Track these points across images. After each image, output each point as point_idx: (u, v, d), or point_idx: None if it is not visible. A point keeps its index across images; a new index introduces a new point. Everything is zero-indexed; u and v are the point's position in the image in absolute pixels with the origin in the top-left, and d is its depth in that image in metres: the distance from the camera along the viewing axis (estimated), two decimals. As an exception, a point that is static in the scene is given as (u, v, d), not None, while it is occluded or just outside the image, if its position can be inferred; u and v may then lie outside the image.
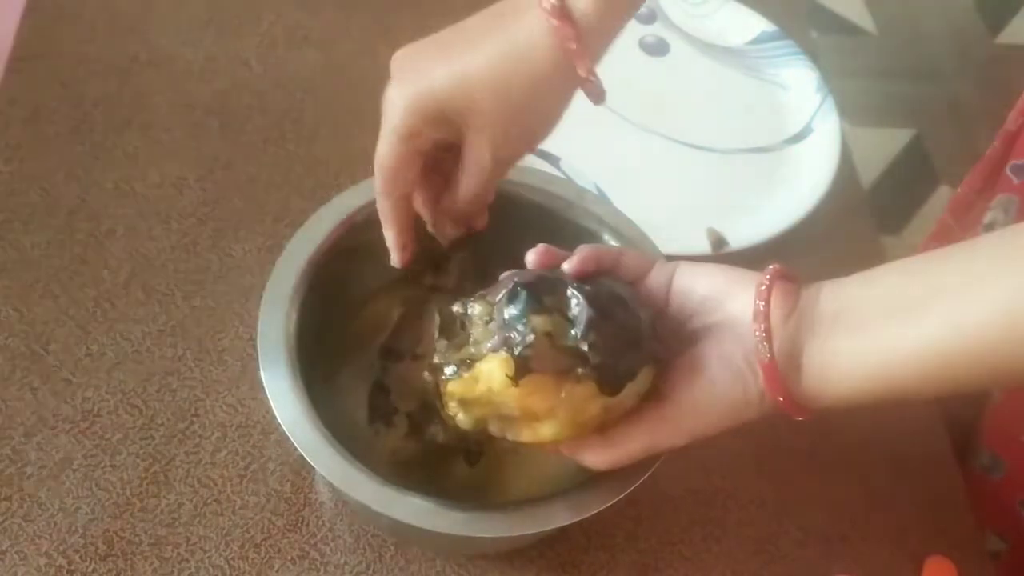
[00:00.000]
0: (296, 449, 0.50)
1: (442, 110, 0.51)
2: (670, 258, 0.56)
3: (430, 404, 0.62)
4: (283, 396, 0.52)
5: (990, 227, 0.80)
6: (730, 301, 0.49)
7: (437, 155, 0.55)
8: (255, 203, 0.73)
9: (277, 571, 0.59)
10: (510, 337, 0.46)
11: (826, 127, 0.82)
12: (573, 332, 0.46)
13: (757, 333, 0.47)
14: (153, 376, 0.64)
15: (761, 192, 0.79)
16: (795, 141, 0.82)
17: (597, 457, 0.49)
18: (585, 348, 0.46)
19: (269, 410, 0.51)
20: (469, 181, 0.54)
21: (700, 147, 0.81)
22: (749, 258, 0.51)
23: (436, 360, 0.49)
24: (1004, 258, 0.45)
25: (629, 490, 0.51)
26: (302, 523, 0.60)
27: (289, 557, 0.59)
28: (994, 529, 0.73)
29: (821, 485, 0.66)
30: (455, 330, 0.49)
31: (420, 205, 0.58)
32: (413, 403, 0.62)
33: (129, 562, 0.58)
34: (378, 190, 0.55)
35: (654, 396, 0.49)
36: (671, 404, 0.48)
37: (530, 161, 0.53)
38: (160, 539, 0.59)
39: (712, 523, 0.64)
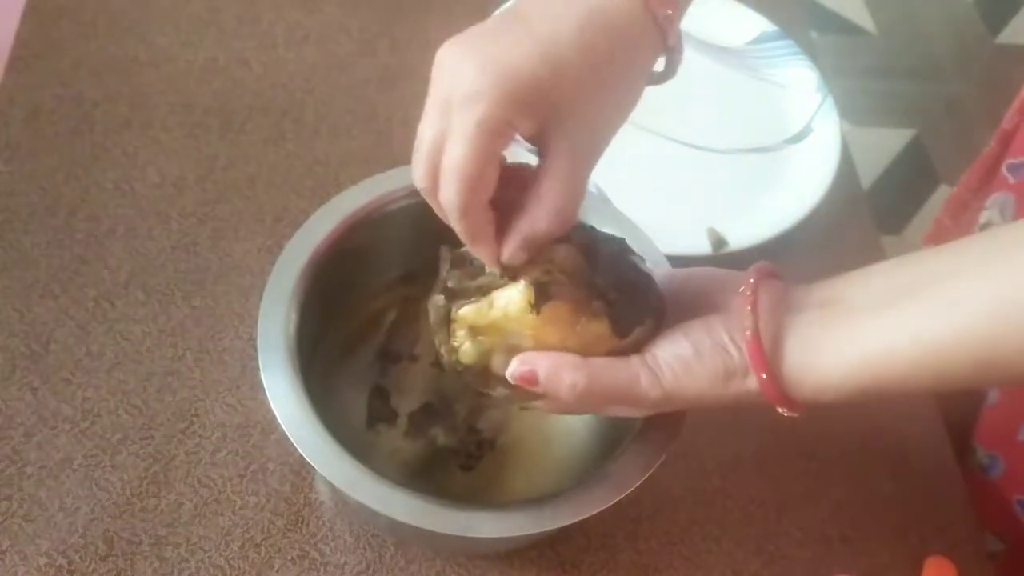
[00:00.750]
0: (296, 449, 0.50)
1: (534, 92, 0.44)
2: (669, 258, 0.56)
3: (430, 405, 0.62)
4: (283, 396, 0.52)
5: (986, 227, 0.80)
6: (721, 296, 0.50)
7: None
8: (255, 203, 0.73)
9: (277, 571, 0.59)
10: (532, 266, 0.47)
11: (826, 127, 0.82)
12: (592, 268, 0.48)
13: (745, 308, 0.47)
14: (153, 376, 0.64)
15: (761, 192, 0.79)
16: (795, 141, 0.82)
17: (573, 374, 0.47)
18: (603, 282, 0.47)
19: (269, 410, 0.51)
20: (557, 184, 0.46)
21: (700, 147, 0.81)
22: (749, 258, 0.51)
23: (451, 284, 0.49)
24: (995, 251, 0.45)
25: (629, 490, 0.51)
26: (302, 523, 0.60)
27: (289, 557, 0.59)
28: (991, 529, 0.73)
29: (821, 485, 0.66)
30: (468, 268, 0.49)
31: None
32: (413, 404, 0.63)
33: (129, 562, 0.58)
34: (459, 205, 0.45)
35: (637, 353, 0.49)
36: (650, 356, 0.48)
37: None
38: (160, 539, 0.59)
39: (712, 523, 0.64)
